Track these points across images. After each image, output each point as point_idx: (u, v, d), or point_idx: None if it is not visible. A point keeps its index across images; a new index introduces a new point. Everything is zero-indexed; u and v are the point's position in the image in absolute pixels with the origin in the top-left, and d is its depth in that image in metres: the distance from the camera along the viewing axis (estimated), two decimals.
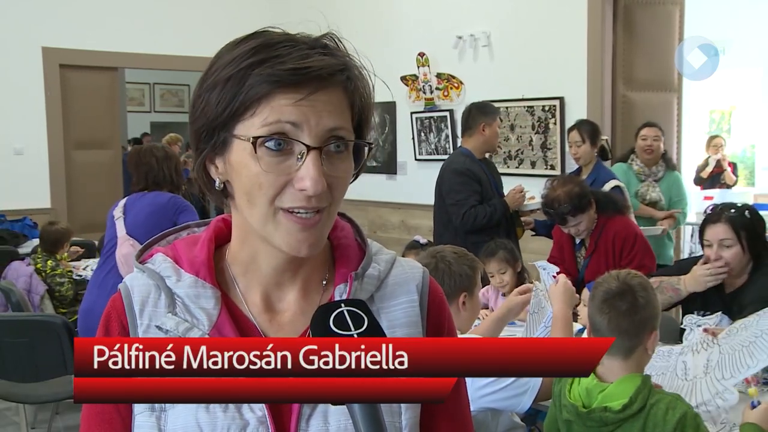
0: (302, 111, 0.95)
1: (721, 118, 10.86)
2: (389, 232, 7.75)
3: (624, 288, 2.20)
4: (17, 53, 7.09)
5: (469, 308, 2.62)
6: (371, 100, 1.04)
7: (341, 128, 0.98)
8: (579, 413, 2.16)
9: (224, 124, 0.98)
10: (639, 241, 3.99)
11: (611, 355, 2.19)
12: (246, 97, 0.96)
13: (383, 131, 7.82)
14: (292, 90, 0.95)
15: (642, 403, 2.09)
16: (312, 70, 0.95)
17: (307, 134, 0.95)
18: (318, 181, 0.95)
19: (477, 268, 2.68)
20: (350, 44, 1.05)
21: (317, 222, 0.99)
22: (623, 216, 4.09)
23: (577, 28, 6.09)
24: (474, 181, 4.59)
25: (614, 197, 4.23)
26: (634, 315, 2.17)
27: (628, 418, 2.09)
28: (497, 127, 4.72)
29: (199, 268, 1.05)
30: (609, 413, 2.11)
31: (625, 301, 2.18)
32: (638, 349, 2.19)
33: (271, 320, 1.06)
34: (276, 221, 0.98)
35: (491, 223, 4.53)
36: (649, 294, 2.22)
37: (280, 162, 0.96)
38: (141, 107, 13.54)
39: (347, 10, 7.77)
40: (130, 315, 1.04)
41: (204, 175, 1.04)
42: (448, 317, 1.14)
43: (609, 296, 2.20)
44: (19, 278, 4.87)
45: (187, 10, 7.91)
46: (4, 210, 6.98)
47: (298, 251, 0.99)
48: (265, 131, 0.95)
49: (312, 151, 0.95)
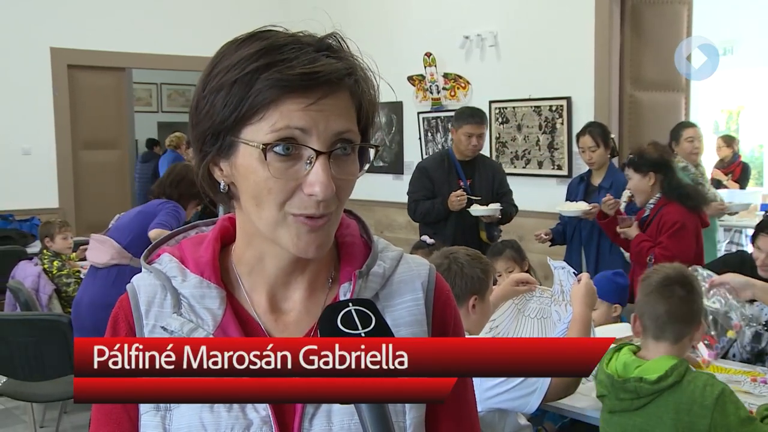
0: (311, 116, 0.95)
1: (729, 118, 10.82)
2: (396, 232, 7.74)
3: (681, 277, 2.27)
4: (25, 54, 7.12)
5: (479, 311, 2.60)
6: (376, 101, 1.04)
7: (348, 131, 0.98)
8: (614, 383, 2.17)
9: (230, 127, 0.97)
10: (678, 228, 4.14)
11: (661, 339, 2.24)
12: (254, 101, 0.95)
13: (390, 131, 7.82)
14: (301, 95, 0.94)
15: (677, 378, 2.10)
16: (321, 75, 0.95)
17: (316, 139, 0.95)
18: (328, 186, 0.95)
19: (490, 272, 2.67)
20: (355, 44, 1.04)
21: (325, 223, 0.99)
22: (683, 206, 4.19)
23: (585, 28, 6.07)
24: (425, 177, 5.01)
25: (699, 193, 4.39)
26: (692, 303, 2.24)
27: (662, 390, 2.10)
28: (462, 134, 4.89)
29: (204, 268, 1.05)
30: (644, 383, 2.12)
31: (684, 288, 2.24)
32: (686, 338, 2.24)
33: (277, 320, 1.06)
34: (286, 224, 0.98)
35: (429, 219, 4.98)
36: (699, 286, 2.30)
37: (288, 167, 0.96)
38: (148, 107, 13.56)
39: (354, 9, 7.77)
40: (137, 315, 1.05)
41: (208, 177, 1.04)
42: (455, 315, 1.13)
43: (669, 282, 2.26)
44: (27, 278, 4.88)
45: (194, 11, 7.92)
46: (13, 210, 7.00)
47: (306, 253, 0.99)
48: (274, 137, 0.95)
49: (321, 156, 0.95)
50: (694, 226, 4.23)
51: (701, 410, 2.04)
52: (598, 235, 4.76)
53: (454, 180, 4.96)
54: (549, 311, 3.03)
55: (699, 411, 2.04)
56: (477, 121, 4.89)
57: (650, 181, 4.25)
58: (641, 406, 2.13)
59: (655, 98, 6.13)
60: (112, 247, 3.72)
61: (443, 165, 4.99)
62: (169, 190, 4.05)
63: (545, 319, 3.03)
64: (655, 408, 2.11)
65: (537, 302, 3.05)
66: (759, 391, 2.73)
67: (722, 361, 3.05)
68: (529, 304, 3.05)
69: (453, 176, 4.96)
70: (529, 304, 3.05)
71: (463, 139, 4.90)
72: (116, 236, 3.81)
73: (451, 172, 4.97)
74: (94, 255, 3.80)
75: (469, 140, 4.87)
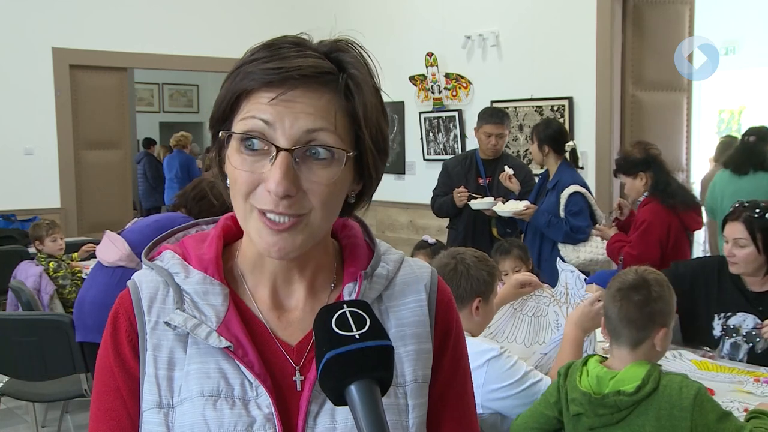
0: (277, 110, 0.95)
1: (731, 118, 10.81)
2: (398, 232, 7.75)
3: (639, 281, 2.25)
4: (27, 54, 7.12)
5: (482, 313, 2.60)
6: (378, 108, 1.02)
7: (320, 131, 0.95)
8: (591, 401, 2.15)
9: (221, 121, 1.00)
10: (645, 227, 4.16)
11: (619, 344, 2.24)
12: (233, 94, 0.98)
13: (392, 131, 7.83)
14: (271, 88, 0.95)
15: (654, 384, 2.09)
16: (294, 69, 0.94)
17: (281, 135, 0.95)
18: (281, 182, 0.94)
19: (495, 275, 2.67)
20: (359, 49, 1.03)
21: (289, 228, 0.97)
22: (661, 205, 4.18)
23: (586, 28, 6.07)
24: (446, 174, 5.28)
25: (683, 194, 4.32)
26: (645, 307, 2.21)
27: (641, 400, 2.09)
28: (482, 134, 5.08)
29: (208, 265, 1.05)
30: (623, 396, 2.10)
31: (639, 293, 2.22)
32: (645, 342, 2.22)
33: (280, 317, 1.07)
34: (252, 219, 0.99)
35: (443, 213, 5.27)
36: (663, 290, 2.25)
37: (255, 161, 0.96)
38: (150, 107, 13.58)
39: (356, 10, 7.77)
40: (138, 311, 1.04)
41: (221, 175, 1.05)
42: (456, 318, 1.14)
43: (624, 286, 2.25)
44: (28, 278, 4.88)
45: (195, 11, 7.92)
46: (15, 210, 7.01)
47: (269, 254, 0.99)
48: (241, 127, 0.97)
49: (281, 153, 0.95)
50: (666, 227, 4.15)
51: (681, 413, 2.03)
52: (540, 238, 4.81)
53: (474, 177, 5.14)
54: (546, 310, 3.03)
55: (679, 414, 2.03)
56: (495, 121, 5.04)
57: (642, 180, 4.25)
58: (622, 418, 2.11)
59: (657, 98, 6.13)
60: (124, 248, 3.71)
61: (464, 163, 5.21)
62: (191, 203, 4.04)
63: (541, 317, 3.04)
64: (635, 418, 2.10)
65: (535, 300, 3.05)
66: (761, 391, 2.72)
67: (725, 362, 3.05)
68: (526, 302, 3.06)
69: (472, 174, 5.15)
70: (526, 303, 3.06)
71: (483, 139, 5.09)
72: (130, 238, 3.79)
73: (471, 170, 5.16)
74: (103, 251, 3.79)
75: (488, 140, 5.05)
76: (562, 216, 4.63)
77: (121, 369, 1.04)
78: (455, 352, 1.12)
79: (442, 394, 1.10)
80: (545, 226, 4.65)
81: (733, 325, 3.12)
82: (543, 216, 4.65)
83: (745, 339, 3.09)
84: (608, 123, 6.01)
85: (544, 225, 4.65)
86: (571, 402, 2.21)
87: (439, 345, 1.10)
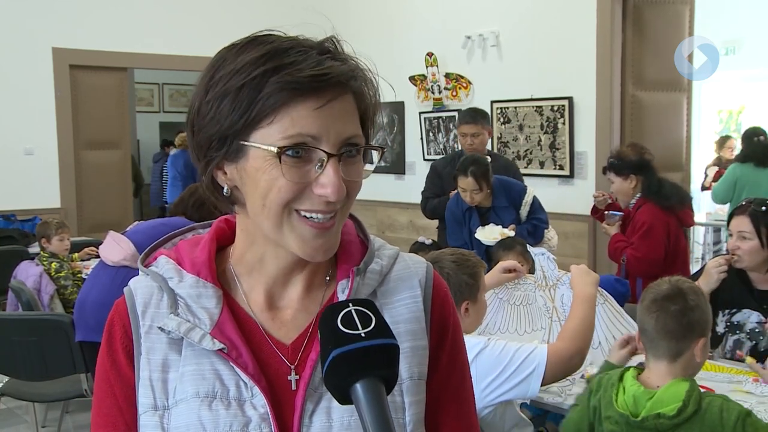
0: (322, 120, 0.96)
1: (729, 118, 10.81)
2: (397, 232, 7.75)
3: (675, 291, 2.19)
4: (27, 54, 7.12)
5: (472, 313, 2.58)
6: (378, 103, 1.05)
7: (356, 135, 0.99)
8: (630, 423, 2.07)
9: (239, 132, 0.97)
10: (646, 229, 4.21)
11: (657, 357, 2.17)
12: (264, 105, 0.95)
13: (392, 131, 7.82)
14: (310, 98, 0.95)
15: (695, 406, 2.02)
16: (330, 77, 0.96)
17: (326, 142, 0.96)
18: (340, 188, 0.96)
19: (479, 273, 2.61)
20: (356, 45, 1.04)
21: (332, 226, 1.00)
22: (658, 206, 4.23)
23: (587, 28, 6.07)
24: (435, 175, 5.33)
25: (678, 193, 4.37)
26: (683, 317, 2.14)
27: (683, 422, 2.01)
28: (459, 134, 5.20)
29: (201, 268, 1.06)
30: (663, 419, 2.03)
31: (676, 303, 2.16)
32: (685, 354, 2.15)
33: (273, 318, 1.07)
34: (290, 224, 0.99)
35: (437, 215, 5.27)
36: (699, 298, 2.19)
37: (299, 168, 0.97)
38: (150, 107, 13.56)
39: (356, 10, 7.77)
40: (133, 317, 1.05)
41: (211, 182, 1.04)
42: (453, 313, 1.14)
43: (659, 297, 2.19)
44: (28, 278, 4.88)
45: (195, 11, 7.93)
46: (15, 210, 7.01)
47: (313, 257, 1.01)
48: (287, 142, 0.96)
49: (332, 159, 0.97)
50: (666, 227, 4.26)
51: None
52: None
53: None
54: (534, 297, 3.12)
55: None
56: (468, 120, 5.12)
57: (631, 183, 4.33)
58: None
59: (657, 98, 6.13)
60: (129, 248, 3.70)
61: (453, 164, 5.11)
62: (191, 211, 4.04)
63: (531, 305, 3.11)
64: None
65: (521, 290, 3.12)
66: (761, 391, 2.72)
67: (724, 361, 3.05)
68: (513, 293, 3.12)
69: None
70: (513, 293, 3.12)
71: (460, 139, 5.17)
72: (135, 239, 3.79)
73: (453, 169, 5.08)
74: (107, 251, 3.78)
75: (464, 140, 5.12)
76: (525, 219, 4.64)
77: (117, 377, 1.05)
78: (453, 347, 1.12)
79: (441, 390, 1.10)
80: (530, 237, 4.54)
81: (737, 322, 3.13)
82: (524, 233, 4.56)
83: (748, 336, 3.09)
84: (608, 123, 6.01)
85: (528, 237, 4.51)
86: (606, 419, 2.15)
87: (435, 341, 1.10)
